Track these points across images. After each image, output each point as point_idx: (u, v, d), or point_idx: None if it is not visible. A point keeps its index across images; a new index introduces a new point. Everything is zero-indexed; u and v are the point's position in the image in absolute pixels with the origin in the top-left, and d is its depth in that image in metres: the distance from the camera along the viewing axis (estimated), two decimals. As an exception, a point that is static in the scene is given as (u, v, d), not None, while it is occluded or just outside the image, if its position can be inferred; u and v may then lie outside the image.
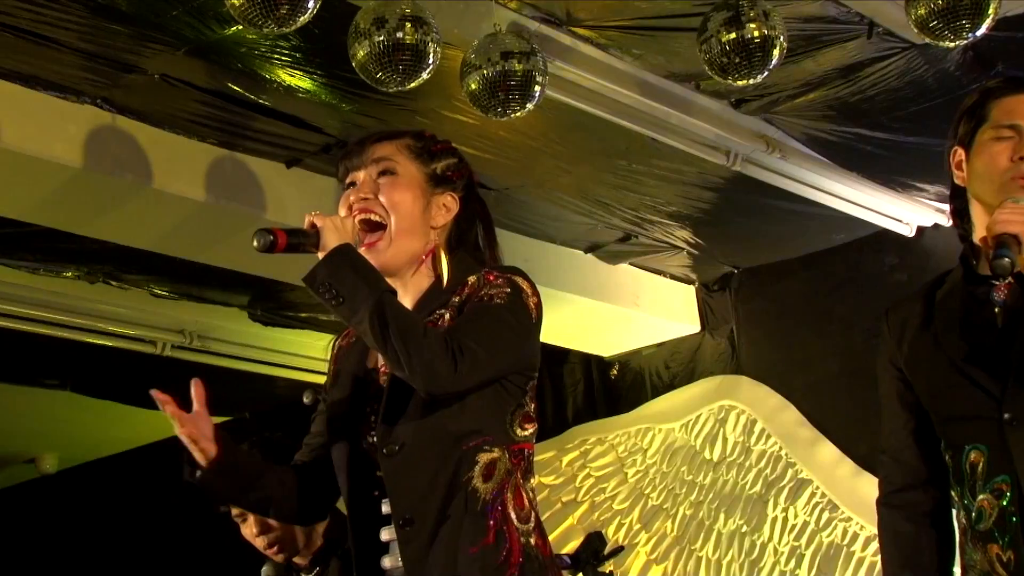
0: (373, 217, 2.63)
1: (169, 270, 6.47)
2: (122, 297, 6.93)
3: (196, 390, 2.71)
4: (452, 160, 2.76)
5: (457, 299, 2.57)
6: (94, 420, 9.12)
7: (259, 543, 3.85)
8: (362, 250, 2.56)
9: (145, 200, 5.37)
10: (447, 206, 2.71)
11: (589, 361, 7.95)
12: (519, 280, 2.60)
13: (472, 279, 2.59)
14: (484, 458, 2.50)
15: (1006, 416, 2.55)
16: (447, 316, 2.54)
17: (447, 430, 2.47)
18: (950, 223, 3.31)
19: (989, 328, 2.63)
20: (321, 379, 2.78)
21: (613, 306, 7.16)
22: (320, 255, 2.49)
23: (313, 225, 2.52)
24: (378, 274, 2.49)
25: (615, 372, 7.86)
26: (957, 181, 2.79)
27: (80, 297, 6.88)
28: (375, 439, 2.55)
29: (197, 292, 6.94)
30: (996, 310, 2.65)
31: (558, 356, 7.86)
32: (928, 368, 2.71)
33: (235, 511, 3.82)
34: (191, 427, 2.67)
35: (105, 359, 7.76)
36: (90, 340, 7.35)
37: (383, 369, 2.61)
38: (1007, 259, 2.45)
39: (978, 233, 2.71)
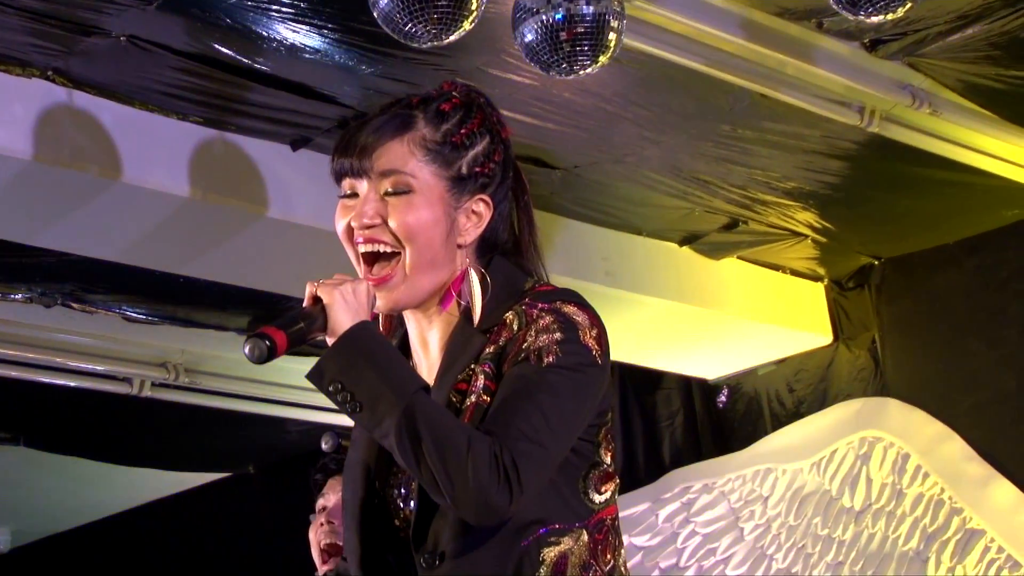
0: (382, 249, 2.58)
1: (146, 287, 6.52)
2: (87, 323, 6.99)
3: None
4: (482, 145, 2.67)
5: (492, 349, 2.52)
6: (55, 483, 9.21)
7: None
8: (371, 285, 2.54)
9: (113, 198, 5.41)
10: (477, 214, 2.63)
11: (689, 386, 7.95)
12: (571, 311, 2.52)
13: (510, 316, 2.53)
14: (551, 553, 2.46)
15: None
16: (481, 380, 2.49)
17: (500, 525, 2.43)
18: None
19: None
20: (349, 421, 2.77)
21: (718, 313, 7.16)
22: (329, 340, 2.46)
23: (316, 299, 2.48)
24: (405, 366, 2.46)
25: (724, 399, 7.85)
26: None
27: (34, 325, 6.95)
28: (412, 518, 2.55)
29: (183, 314, 6.99)
30: None
31: (650, 381, 7.85)
32: None
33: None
34: None
35: (67, 404, 7.83)
36: (48, 380, 7.43)
37: None
38: None
39: None
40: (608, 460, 2.58)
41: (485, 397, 2.47)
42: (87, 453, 8.49)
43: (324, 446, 4.18)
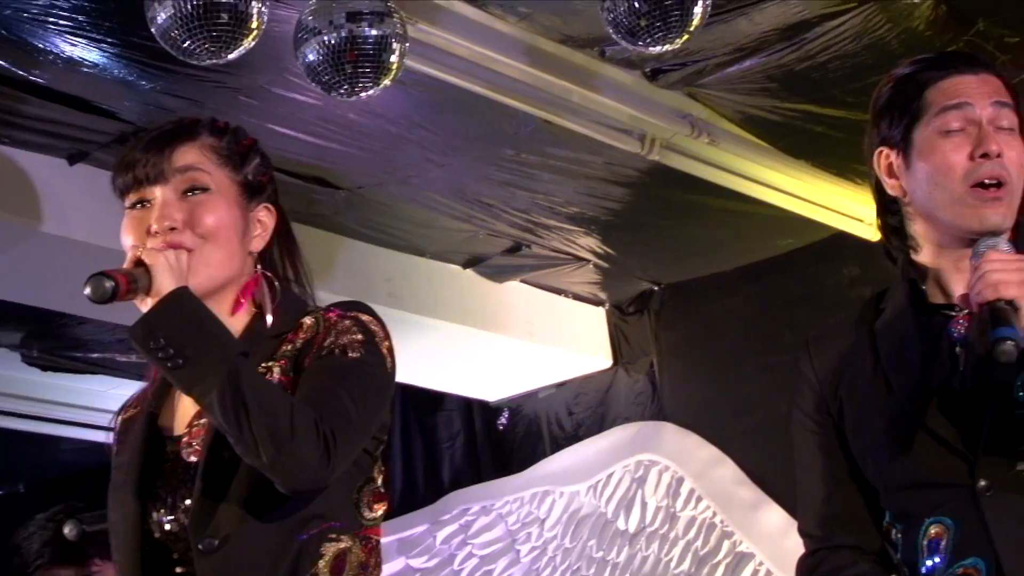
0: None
1: (-87, 301, 6.37)
2: None
3: None
4: (258, 159, 2.74)
5: (288, 348, 2.56)
6: None
7: None
8: None
9: None
10: (263, 222, 2.71)
11: (470, 408, 7.95)
12: (368, 321, 2.62)
13: (309, 321, 2.59)
14: (331, 549, 2.51)
15: (981, 484, 2.52)
16: (276, 375, 2.53)
17: (282, 516, 2.46)
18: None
19: (950, 371, 2.61)
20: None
21: (500, 335, 7.17)
22: (149, 302, 2.45)
23: (140, 262, 2.48)
24: (227, 331, 2.49)
25: (503, 421, 7.87)
26: (891, 191, 2.78)
27: None
28: (177, 528, 2.53)
29: (-48, 329, 6.85)
30: (957, 349, 2.61)
31: (431, 402, 7.84)
32: (877, 420, 2.71)
33: None
34: None
35: None
36: None
37: (189, 439, 2.59)
38: (1011, 342, 2.34)
39: (926, 256, 2.72)
40: (380, 481, 2.64)
41: None
42: None
43: (66, 531, 4.01)
